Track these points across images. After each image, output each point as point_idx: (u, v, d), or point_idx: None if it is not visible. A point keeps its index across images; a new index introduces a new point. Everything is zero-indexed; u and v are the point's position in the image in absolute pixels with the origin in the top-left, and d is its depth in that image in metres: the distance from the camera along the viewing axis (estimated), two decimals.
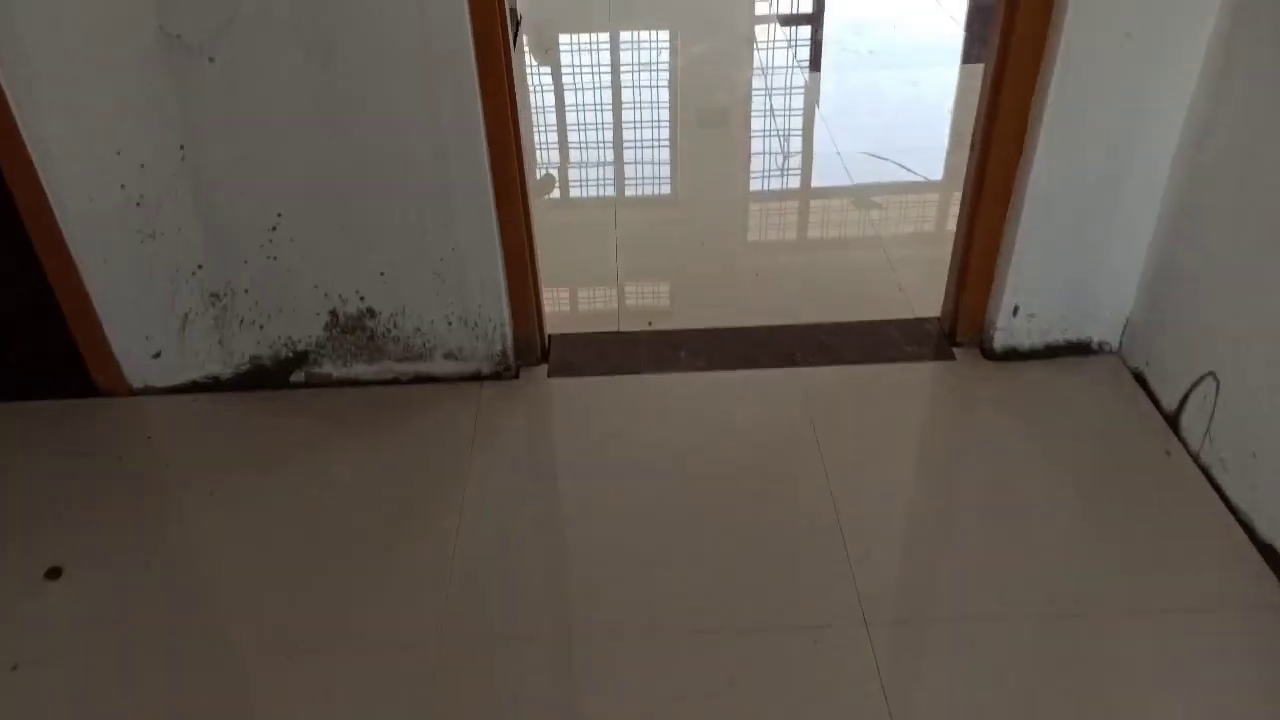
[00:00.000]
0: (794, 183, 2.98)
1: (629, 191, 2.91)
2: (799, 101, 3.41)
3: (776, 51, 3.87)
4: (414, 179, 1.80)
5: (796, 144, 3.18)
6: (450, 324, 2.00)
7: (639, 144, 3.27)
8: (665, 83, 3.64)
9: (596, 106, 3.55)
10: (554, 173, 3.16)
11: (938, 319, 2.21)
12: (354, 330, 1.99)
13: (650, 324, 2.25)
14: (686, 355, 2.14)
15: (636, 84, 3.65)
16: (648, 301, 2.36)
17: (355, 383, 2.07)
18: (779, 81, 3.60)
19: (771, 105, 3.42)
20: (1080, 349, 2.07)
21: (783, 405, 2.00)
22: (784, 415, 1.97)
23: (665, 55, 3.90)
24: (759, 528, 1.72)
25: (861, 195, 2.81)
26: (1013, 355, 2.07)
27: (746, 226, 2.72)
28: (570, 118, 3.53)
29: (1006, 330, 2.04)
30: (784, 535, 1.70)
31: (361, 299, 1.95)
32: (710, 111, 3.43)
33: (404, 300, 1.96)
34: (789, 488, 1.80)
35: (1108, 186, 1.85)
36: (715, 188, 2.92)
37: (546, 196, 2.92)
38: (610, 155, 3.12)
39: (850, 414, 1.97)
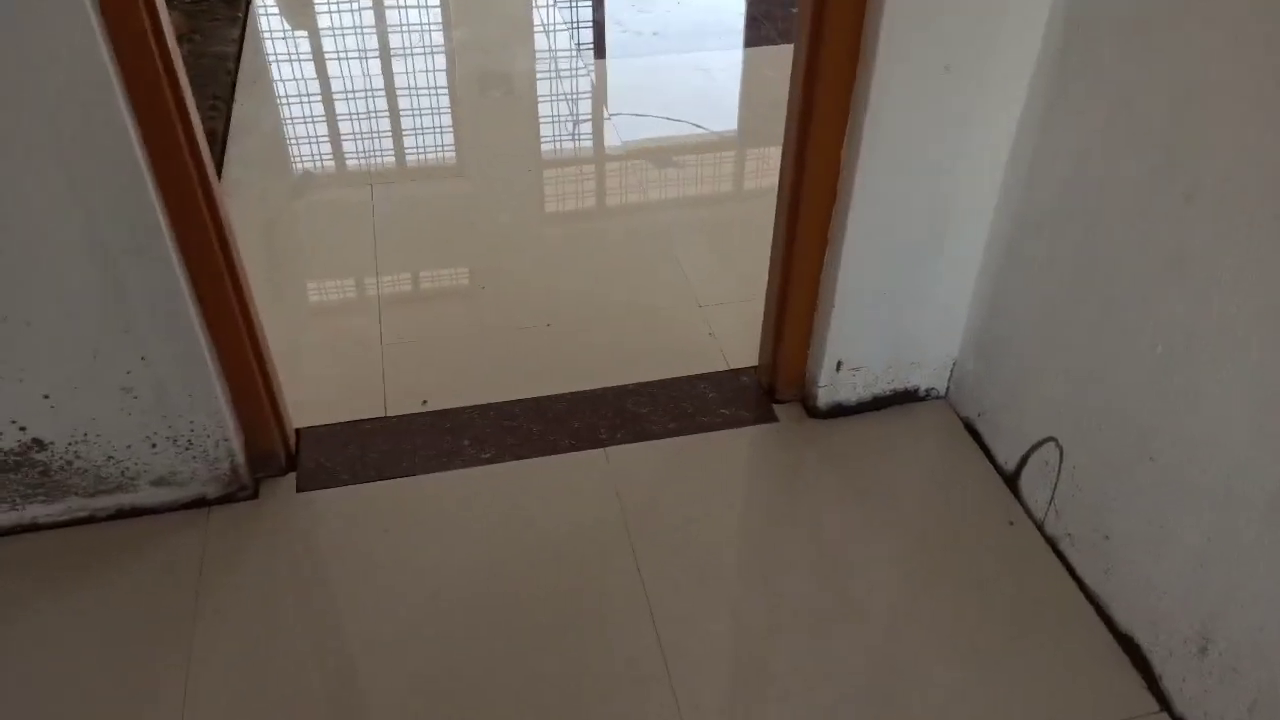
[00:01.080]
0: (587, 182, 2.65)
1: (401, 184, 2.49)
2: (586, 106, 3.07)
3: (557, 35, 3.49)
4: (65, 282, 1.33)
5: (586, 141, 2.85)
6: (155, 446, 1.55)
7: (416, 112, 2.88)
8: (444, 86, 3.20)
9: (365, 75, 3.10)
10: (311, 168, 2.69)
11: (754, 370, 1.96)
12: (18, 468, 1.51)
13: (425, 403, 1.88)
14: (471, 444, 1.79)
15: (409, 55, 3.20)
16: (421, 365, 1.97)
17: (34, 528, 1.59)
18: (563, 72, 3.24)
19: (556, 91, 3.06)
20: (908, 397, 1.88)
21: (590, 499, 1.69)
22: (592, 513, 1.66)
23: (437, 37, 3.45)
24: (568, 679, 1.41)
25: (662, 156, 2.54)
26: (839, 411, 1.85)
27: (538, 237, 2.37)
28: (336, 85, 3.07)
29: (830, 386, 1.81)
30: (599, 685, 1.40)
31: (22, 430, 1.47)
32: (489, 89, 3.03)
33: (83, 425, 1.49)
34: (603, 614, 1.50)
35: (932, 228, 1.63)
36: (499, 175, 2.55)
37: (306, 197, 2.46)
38: (383, 140, 2.68)
39: (667, 502, 1.68)
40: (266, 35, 3.41)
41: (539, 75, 3.20)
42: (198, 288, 1.44)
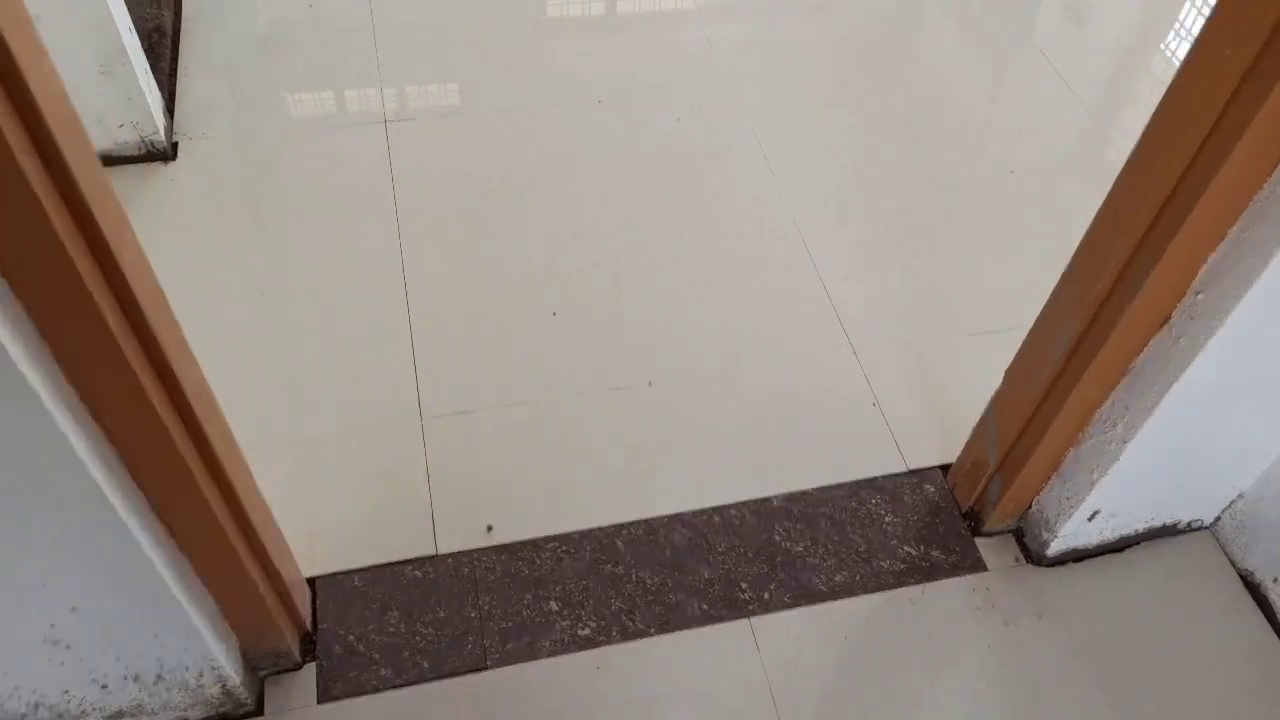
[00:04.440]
0: None
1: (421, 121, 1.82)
2: None
3: None
4: None
5: None
6: (105, 687, 1.02)
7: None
8: None
9: None
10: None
11: (941, 473, 1.42)
12: None
13: (490, 529, 1.33)
14: (561, 607, 1.26)
15: None
16: (477, 456, 1.41)
17: None
18: None
19: None
20: (1164, 532, 1.36)
21: (734, 710, 1.19)
22: None
23: None
24: None
25: None
26: (1070, 556, 1.33)
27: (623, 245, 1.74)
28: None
29: (1071, 535, 1.28)
30: None
31: None
32: None
33: None
34: None
35: None
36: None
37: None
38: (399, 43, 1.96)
39: (845, 716, 1.19)
40: None
41: None
42: (157, 508, 0.86)
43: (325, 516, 1.33)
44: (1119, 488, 1.18)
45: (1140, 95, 2.08)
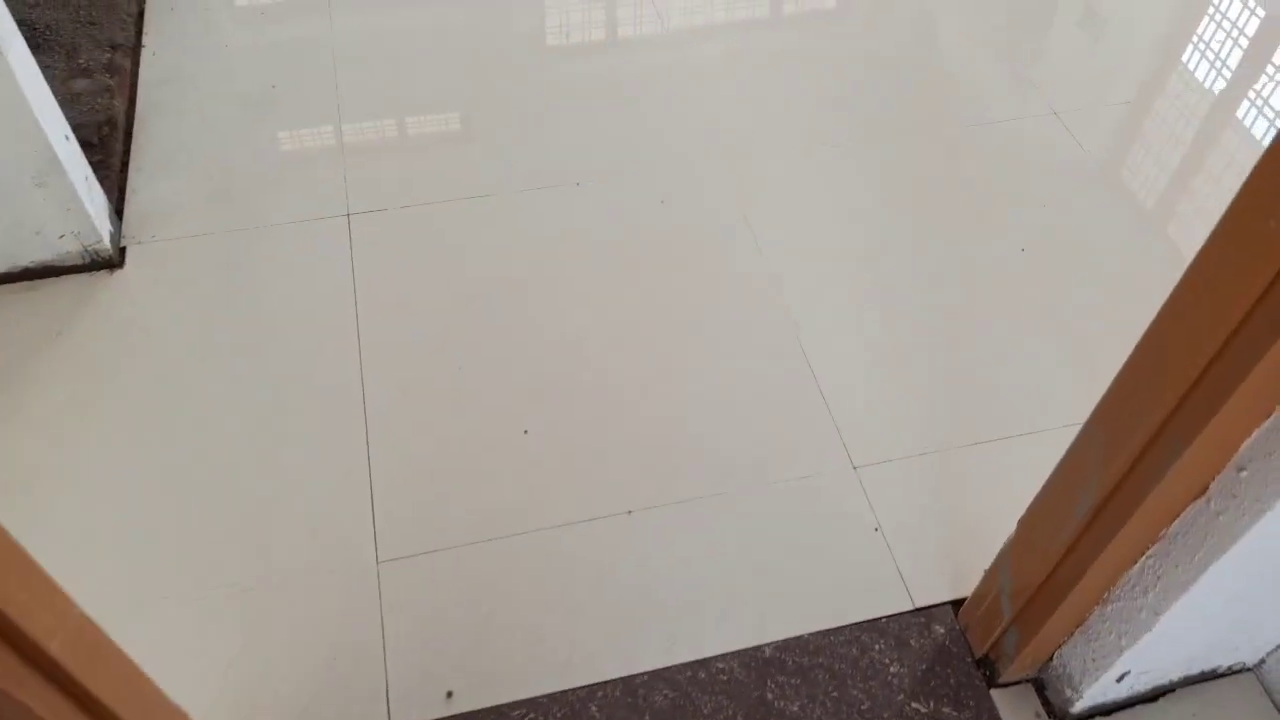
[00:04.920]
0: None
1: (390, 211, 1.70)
2: None
3: None
4: None
5: None
6: None
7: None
8: None
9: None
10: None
11: (953, 610, 1.28)
12: None
13: (450, 695, 1.21)
14: None
15: None
16: (436, 604, 1.28)
17: None
18: None
19: None
20: (1201, 678, 1.22)
21: None
22: None
23: None
24: None
25: None
26: (1097, 711, 1.19)
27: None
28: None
29: (1099, 693, 1.14)
30: None
31: None
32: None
33: None
34: None
35: None
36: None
37: None
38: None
39: None
40: None
41: None
42: None
43: (271, 683, 1.20)
44: (1150, 653, 1.05)
45: (1157, 167, 1.94)
